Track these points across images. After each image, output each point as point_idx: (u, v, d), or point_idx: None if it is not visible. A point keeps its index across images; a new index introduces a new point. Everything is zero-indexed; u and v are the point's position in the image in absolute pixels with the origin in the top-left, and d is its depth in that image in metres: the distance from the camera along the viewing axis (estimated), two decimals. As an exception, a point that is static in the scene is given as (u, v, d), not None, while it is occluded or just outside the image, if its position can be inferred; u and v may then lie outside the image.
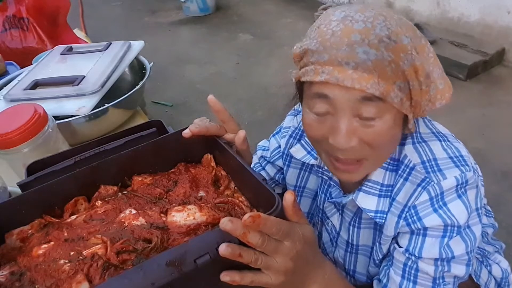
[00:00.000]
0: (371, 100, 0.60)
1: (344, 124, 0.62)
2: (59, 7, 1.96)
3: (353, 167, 0.68)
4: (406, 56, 0.61)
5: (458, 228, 0.68)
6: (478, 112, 2.45)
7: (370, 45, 0.59)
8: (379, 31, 0.59)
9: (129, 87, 1.32)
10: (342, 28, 0.60)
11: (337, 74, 0.59)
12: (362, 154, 0.66)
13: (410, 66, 0.61)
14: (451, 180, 0.67)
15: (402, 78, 0.61)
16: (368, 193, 0.75)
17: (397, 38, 0.60)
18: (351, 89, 0.59)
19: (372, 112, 0.61)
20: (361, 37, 0.59)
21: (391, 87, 0.60)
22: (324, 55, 0.61)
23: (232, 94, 2.87)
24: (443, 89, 0.67)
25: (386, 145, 0.67)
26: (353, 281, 0.89)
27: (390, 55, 0.59)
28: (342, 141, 0.63)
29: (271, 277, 0.54)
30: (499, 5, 2.75)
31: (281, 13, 4.10)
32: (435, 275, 0.70)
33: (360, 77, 0.58)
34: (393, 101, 0.60)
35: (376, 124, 0.63)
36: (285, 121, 0.98)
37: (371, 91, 0.59)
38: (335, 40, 0.60)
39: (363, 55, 0.58)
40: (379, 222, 0.74)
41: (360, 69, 0.58)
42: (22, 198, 0.64)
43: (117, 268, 0.53)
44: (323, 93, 0.62)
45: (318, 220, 0.93)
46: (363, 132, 0.63)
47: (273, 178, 1.03)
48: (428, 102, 0.67)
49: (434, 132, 0.75)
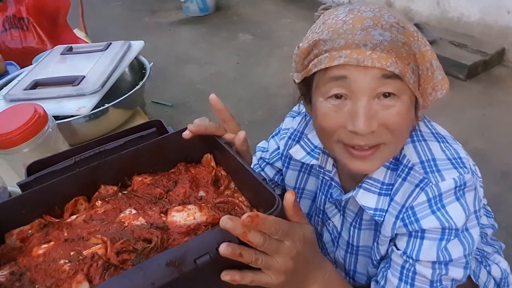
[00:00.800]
0: (391, 78, 0.62)
1: (364, 106, 0.63)
2: (59, 7, 1.96)
3: (369, 153, 0.67)
4: (415, 41, 0.64)
5: (456, 231, 0.68)
6: (478, 112, 2.45)
7: (384, 28, 0.62)
8: (387, 19, 0.63)
9: (129, 87, 1.32)
10: (352, 17, 0.64)
11: (356, 55, 0.61)
12: (381, 140, 0.66)
13: (419, 51, 0.65)
14: (450, 182, 0.67)
15: (413, 61, 0.64)
16: (368, 191, 0.75)
17: (404, 25, 0.65)
18: (370, 69, 0.61)
19: (391, 89, 0.63)
20: (374, 22, 0.62)
21: (406, 68, 0.62)
22: (340, 41, 0.62)
23: (232, 94, 2.87)
24: (442, 80, 0.70)
25: (404, 130, 0.67)
26: (353, 282, 0.89)
27: (403, 38, 0.63)
28: (363, 126, 0.62)
29: (272, 276, 0.54)
30: (499, 5, 2.75)
31: (281, 13, 4.10)
32: (432, 278, 0.70)
33: (379, 57, 0.60)
34: (409, 82, 0.63)
35: (395, 105, 0.64)
36: (284, 122, 0.98)
37: (391, 69, 0.60)
38: (348, 27, 0.63)
39: (379, 36, 0.61)
40: (378, 220, 0.74)
41: (378, 49, 0.60)
42: (22, 198, 0.64)
43: (117, 268, 0.53)
44: (342, 75, 0.63)
45: (318, 221, 0.93)
46: (384, 115, 0.64)
47: (272, 179, 1.02)
48: (432, 91, 0.69)
49: (433, 133, 0.75)
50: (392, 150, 0.70)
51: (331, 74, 0.64)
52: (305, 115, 0.93)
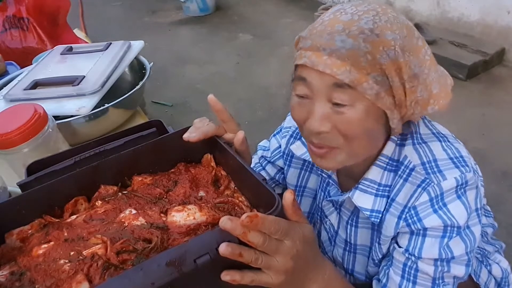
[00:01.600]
0: (342, 87, 0.62)
1: (318, 107, 0.65)
2: (59, 7, 1.96)
3: (325, 152, 0.68)
4: (387, 51, 0.61)
5: (458, 228, 0.68)
6: (478, 112, 2.45)
7: (349, 35, 0.61)
8: (363, 24, 0.62)
9: (129, 87, 1.32)
10: (331, 18, 0.65)
11: (314, 59, 0.63)
12: (335, 143, 0.67)
13: (391, 61, 0.62)
14: (451, 181, 0.67)
15: (379, 72, 0.62)
16: (365, 192, 0.75)
17: (380, 32, 0.61)
18: (324, 74, 0.62)
19: (342, 99, 0.63)
20: (343, 27, 0.62)
21: (364, 78, 0.61)
22: (308, 41, 0.65)
23: (232, 94, 2.87)
24: (437, 94, 0.67)
25: (358, 137, 0.66)
26: (353, 279, 0.89)
27: (367, 47, 0.61)
28: (315, 125, 0.65)
29: (272, 276, 0.54)
30: (499, 5, 2.75)
31: (281, 13, 4.10)
32: (434, 275, 0.70)
33: (332, 63, 0.61)
34: (365, 92, 0.62)
35: (346, 112, 0.64)
36: (286, 121, 0.98)
37: (341, 77, 0.61)
38: (321, 28, 0.64)
39: (340, 43, 0.61)
40: (374, 221, 0.74)
41: (334, 56, 0.61)
42: (22, 198, 0.65)
43: (117, 268, 0.53)
44: (302, 76, 0.66)
45: (317, 219, 0.93)
46: (335, 119, 0.65)
47: (274, 178, 1.03)
48: (415, 104, 0.66)
49: (434, 133, 0.75)
50: (349, 154, 0.68)
51: (298, 73, 0.67)
52: None
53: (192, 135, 0.69)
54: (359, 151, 0.69)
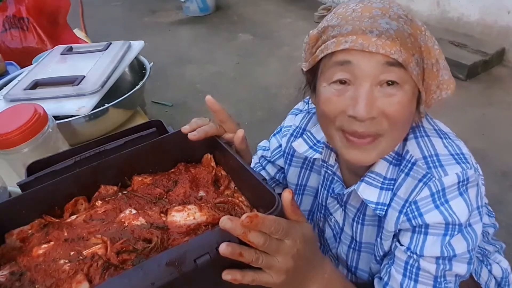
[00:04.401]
0: (394, 65, 0.63)
1: (365, 92, 0.64)
2: (59, 7, 1.96)
3: (367, 142, 0.67)
4: (422, 34, 0.66)
5: (459, 226, 0.68)
6: (478, 112, 2.45)
7: (391, 18, 0.64)
8: (396, 10, 0.65)
9: (129, 87, 1.32)
10: (362, 7, 0.66)
11: (362, 41, 0.62)
12: (379, 129, 0.66)
13: (425, 45, 0.66)
14: (453, 176, 0.68)
15: (418, 53, 0.65)
16: (370, 185, 0.75)
17: (412, 18, 0.67)
18: (374, 55, 0.62)
19: (394, 77, 0.63)
20: (382, 12, 0.64)
21: (411, 58, 0.63)
22: (347, 27, 0.64)
23: (232, 94, 2.87)
24: (448, 80, 0.70)
25: (403, 121, 0.67)
26: (355, 278, 0.89)
27: (409, 29, 0.64)
28: (362, 111, 0.63)
29: (272, 276, 0.54)
30: (499, 5, 2.75)
31: (281, 13, 4.10)
32: (436, 274, 0.70)
33: (384, 44, 0.62)
34: (412, 72, 0.63)
35: (397, 94, 0.64)
36: (286, 120, 0.98)
37: (394, 56, 0.62)
38: (356, 14, 0.65)
39: (385, 25, 0.63)
40: (380, 214, 0.74)
41: (384, 37, 0.62)
42: (22, 198, 0.64)
43: (117, 268, 0.53)
44: (346, 60, 0.64)
45: (320, 217, 0.93)
46: (384, 103, 0.64)
47: (274, 177, 1.03)
48: (436, 88, 0.70)
49: (436, 130, 0.75)
50: (390, 142, 0.70)
51: (336, 59, 0.66)
52: (307, 112, 0.93)
53: (193, 133, 0.68)
54: (399, 137, 0.71)
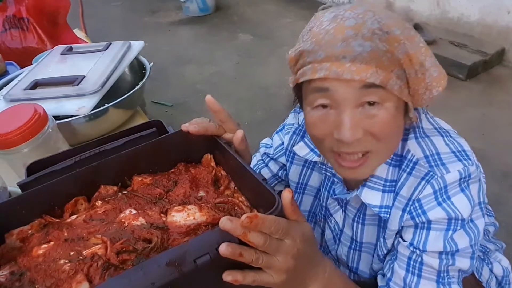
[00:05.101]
0: (372, 87, 0.62)
1: (348, 116, 0.64)
2: (59, 7, 1.95)
3: (358, 164, 0.68)
4: (400, 45, 0.63)
5: (462, 221, 0.68)
6: (478, 112, 2.45)
7: (364, 38, 0.61)
8: (370, 25, 0.62)
9: (129, 87, 1.32)
10: (335, 26, 0.63)
11: (336, 69, 0.61)
12: (367, 147, 0.66)
13: (405, 54, 0.64)
14: (454, 173, 0.68)
15: (398, 66, 0.63)
16: (372, 189, 0.75)
17: (388, 29, 0.63)
18: (351, 81, 0.61)
19: (374, 98, 0.63)
20: (354, 32, 0.61)
21: (389, 75, 0.62)
22: (320, 53, 0.63)
23: (232, 94, 2.87)
24: (438, 77, 0.69)
25: (390, 136, 0.67)
26: (356, 277, 0.89)
27: (384, 46, 0.61)
28: (347, 134, 0.63)
29: (273, 276, 0.54)
30: (499, 5, 2.75)
31: (281, 13, 4.10)
32: (439, 269, 0.70)
33: (358, 69, 0.60)
34: (393, 89, 0.62)
35: (379, 113, 0.64)
36: (289, 118, 0.98)
37: (371, 80, 0.60)
38: (329, 38, 0.62)
39: (358, 47, 0.60)
40: (384, 217, 0.75)
41: (358, 61, 0.60)
42: (22, 198, 0.64)
43: (117, 268, 0.53)
44: (324, 87, 0.64)
45: (321, 218, 0.93)
46: (368, 123, 0.64)
47: (276, 174, 1.03)
48: (425, 90, 0.69)
49: (437, 128, 0.75)
50: (382, 156, 0.70)
51: (314, 85, 0.65)
52: None
53: (192, 126, 0.69)
54: (390, 150, 0.71)
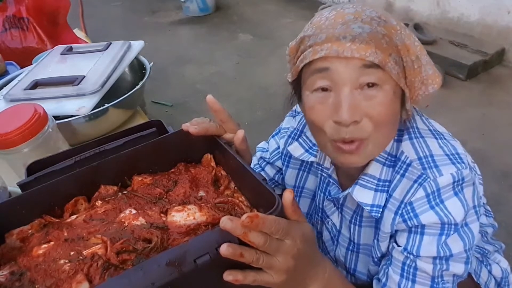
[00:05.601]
0: (371, 67, 0.63)
1: (346, 97, 0.64)
2: (59, 7, 1.95)
3: (355, 147, 0.68)
4: (397, 33, 0.66)
5: (455, 226, 0.68)
6: (478, 112, 2.45)
7: (364, 22, 0.64)
8: (369, 13, 0.66)
9: (129, 87, 1.32)
10: (335, 14, 0.67)
11: (336, 48, 0.63)
12: (365, 133, 0.67)
13: (402, 43, 0.66)
14: (447, 177, 0.68)
15: (396, 52, 0.65)
16: (364, 187, 0.75)
17: (386, 19, 0.67)
18: (350, 60, 0.63)
19: (373, 79, 0.64)
20: (354, 17, 0.65)
21: (388, 58, 0.64)
22: (321, 35, 0.65)
23: (232, 94, 2.87)
24: (432, 75, 0.71)
25: (387, 122, 0.68)
26: (354, 279, 0.89)
27: (383, 30, 0.64)
28: (346, 115, 0.64)
29: (273, 276, 0.54)
30: (499, 5, 2.75)
31: (281, 13, 4.10)
32: (433, 274, 0.70)
33: (358, 48, 0.62)
34: (391, 72, 0.64)
35: (377, 95, 0.65)
36: (284, 122, 0.98)
37: (370, 58, 0.62)
38: (330, 22, 0.66)
39: (358, 29, 0.63)
40: (375, 216, 0.75)
41: (358, 41, 0.62)
42: (22, 198, 0.64)
43: (117, 268, 0.53)
44: (324, 67, 0.65)
45: (318, 220, 0.93)
46: (366, 106, 0.65)
47: (273, 178, 1.03)
48: (421, 85, 0.70)
49: (431, 130, 0.75)
50: (377, 144, 0.70)
51: (315, 67, 0.66)
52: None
53: (194, 127, 0.69)
54: (387, 138, 0.72)
